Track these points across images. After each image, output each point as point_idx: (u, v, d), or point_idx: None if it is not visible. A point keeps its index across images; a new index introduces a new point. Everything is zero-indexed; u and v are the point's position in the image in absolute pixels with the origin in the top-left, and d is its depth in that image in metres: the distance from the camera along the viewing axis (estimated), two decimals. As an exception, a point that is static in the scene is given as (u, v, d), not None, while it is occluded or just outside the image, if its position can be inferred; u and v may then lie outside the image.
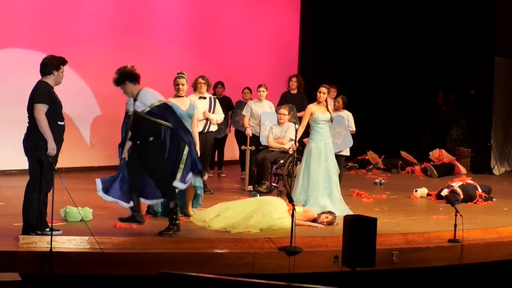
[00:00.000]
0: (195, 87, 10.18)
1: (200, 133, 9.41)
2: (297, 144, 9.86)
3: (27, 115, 7.20)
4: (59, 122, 7.22)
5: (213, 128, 10.28)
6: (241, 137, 11.63)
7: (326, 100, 9.45)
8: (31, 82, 11.87)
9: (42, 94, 7.14)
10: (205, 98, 10.16)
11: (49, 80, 7.33)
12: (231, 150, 12.99)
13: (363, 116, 13.66)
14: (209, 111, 10.12)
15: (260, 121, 11.10)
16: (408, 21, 15.70)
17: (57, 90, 12.66)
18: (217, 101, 10.33)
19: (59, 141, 7.20)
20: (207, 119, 10.06)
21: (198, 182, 8.47)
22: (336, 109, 10.87)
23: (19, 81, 11.83)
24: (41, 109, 7.03)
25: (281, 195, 9.90)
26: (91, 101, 12.63)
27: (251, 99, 11.84)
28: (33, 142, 7.07)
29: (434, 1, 15.69)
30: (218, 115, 10.21)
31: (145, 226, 8.07)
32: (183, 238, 7.34)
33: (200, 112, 9.86)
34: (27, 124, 7.20)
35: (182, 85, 8.52)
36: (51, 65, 7.33)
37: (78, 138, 12.57)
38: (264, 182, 10.45)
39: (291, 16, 15.14)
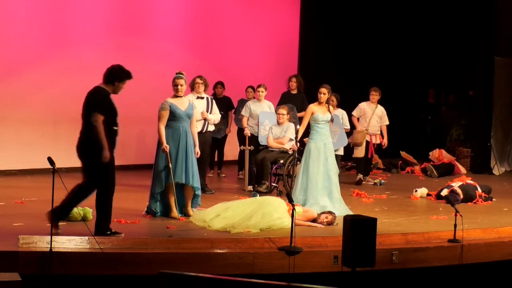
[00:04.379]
0: (192, 87, 10.19)
1: (199, 133, 9.42)
2: (298, 144, 9.85)
3: (82, 120, 7.35)
4: (114, 127, 7.36)
5: (211, 128, 10.30)
6: (243, 135, 11.61)
7: (327, 101, 9.44)
8: (31, 82, 11.99)
9: (99, 101, 7.24)
10: (202, 98, 10.17)
11: (108, 88, 7.37)
12: (234, 150, 12.92)
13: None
14: (207, 111, 10.14)
15: (258, 121, 11.10)
16: (408, 21, 15.69)
17: (56, 90, 12.69)
18: (214, 101, 10.36)
19: (112, 144, 7.32)
20: (205, 119, 10.09)
21: (196, 182, 8.49)
22: None
23: (19, 81, 11.86)
24: (98, 117, 7.15)
25: (281, 195, 9.90)
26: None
27: (254, 98, 11.82)
28: (88, 148, 7.25)
29: (435, 1, 15.68)
30: (215, 115, 10.24)
31: (145, 226, 8.09)
32: (183, 238, 7.34)
33: (198, 112, 9.87)
34: (81, 129, 7.35)
35: (181, 85, 8.52)
36: (116, 74, 7.38)
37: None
38: (264, 182, 10.45)
39: (291, 16, 15.13)
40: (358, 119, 12.00)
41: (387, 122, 12.09)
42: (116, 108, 7.43)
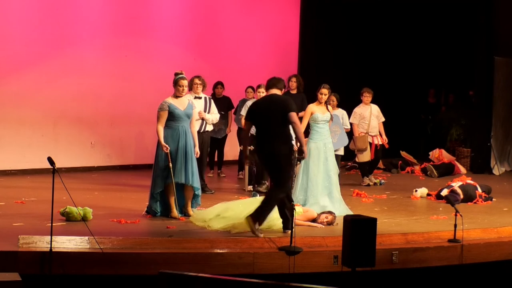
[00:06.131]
0: (190, 87, 10.19)
1: (197, 133, 9.41)
2: (298, 144, 9.81)
3: (272, 123, 7.64)
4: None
5: (209, 128, 10.31)
6: (243, 135, 11.63)
7: (327, 101, 9.43)
8: (31, 82, 12.00)
9: (291, 102, 7.77)
10: (200, 98, 10.18)
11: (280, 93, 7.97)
12: (234, 150, 12.94)
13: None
14: (204, 111, 10.15)
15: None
16: (408, 21, 15.69)
17: (56, 90, 12.68)
18: (212, 101, 10.37)
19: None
20: (202, 119, 10.09)
21: (196, 182, 8.49)
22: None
23: (19, 81, 11.86)
24: (296, 115, 7.70)
25: (281, 195, 9.88)
26: (91, 101, 12.64)
27: (253, 98, 11.82)
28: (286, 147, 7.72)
29: (435, 1, 15.68)
30: (214, 115, 10.25)
31: (145, 226, 8.09)
32: (183, 238, 7.33)
33: (196, 112, 9.87)
34: (271, 132, 7.68)
35: (186, 86, 8.58)
36: (282, 82, 8.06)
37: (78, 138, 12.58)
38: (264, 182, 10.45)
39: (291, 16, 15.14)
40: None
41: (383, 119, 12.06)
42: None
